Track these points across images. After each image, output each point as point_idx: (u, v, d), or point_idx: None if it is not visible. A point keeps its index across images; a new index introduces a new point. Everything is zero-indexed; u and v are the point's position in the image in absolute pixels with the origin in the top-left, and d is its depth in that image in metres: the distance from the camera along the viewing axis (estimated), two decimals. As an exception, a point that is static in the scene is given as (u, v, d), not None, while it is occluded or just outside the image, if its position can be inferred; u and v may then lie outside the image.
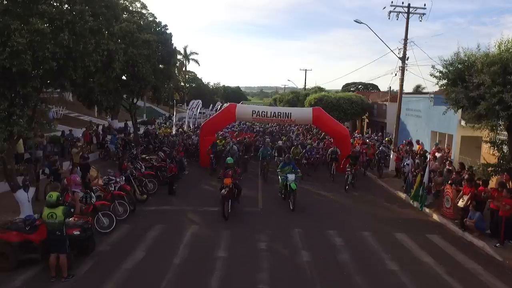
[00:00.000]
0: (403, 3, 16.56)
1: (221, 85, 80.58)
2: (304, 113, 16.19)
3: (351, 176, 13.41)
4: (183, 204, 11.54)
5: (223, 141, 16.95)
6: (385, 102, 23.32)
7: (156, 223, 9.67)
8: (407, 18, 16.52)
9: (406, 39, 16.62)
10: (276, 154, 15.15)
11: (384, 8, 16.94)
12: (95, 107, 13.39)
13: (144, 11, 32.80)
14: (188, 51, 57.90)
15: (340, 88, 56.97)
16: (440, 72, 9.24)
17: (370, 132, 24.26)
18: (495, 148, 8.62)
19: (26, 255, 7.01)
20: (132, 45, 14.95)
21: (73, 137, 18.81)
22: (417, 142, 16.50)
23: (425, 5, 16.51)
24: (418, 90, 53.68)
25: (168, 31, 17.95)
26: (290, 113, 15.78)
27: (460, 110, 10.05)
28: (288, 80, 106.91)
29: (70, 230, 6.99)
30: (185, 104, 61.49)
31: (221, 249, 8.09)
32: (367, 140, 22.08)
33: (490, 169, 8.61)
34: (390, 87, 22.00)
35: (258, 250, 8.09)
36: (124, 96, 15.84)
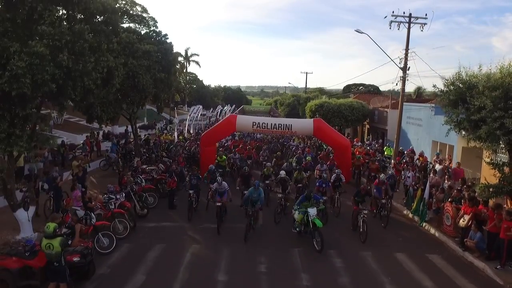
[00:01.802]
0: (404, 12, 16.50)
1: (222, 85, 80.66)
2: (304, 124, 16.14)
3: (362, 222, 9.91)
4: (183, 219, 11.52)
5: (225, 158, 16.06)
6: (386, 109, 23.25)
7: (156, 242, 9.66)
8: (408, 28, 16.46)
9: (407, 49, 16.56)
10: (280, 191, 11.95)
11: (386, 17, 16.86)
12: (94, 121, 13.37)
13: (145, 14, 32.60)
14: (189, 53, 57.90)
15: (341, 88, 56.88)
16: (441, 91, 9.19)
17: (370, 139, 24.19)
18: (496, 169, 8.58)
19: (25, 282, 7.00)
20: (132, 56, 14.91)
21: (75, 146, 18.82)
22: (421, 154, 16.43)
23: (426, 14, 16.46)
24: (419, 91, 53.71)
25: (168, 40, 17.93)
26: (291, 124, 15.73)
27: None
28: (289, 83, 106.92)
29: (70, 256, 6.98)
30: (186, 105, 61.60)
31: (222, 272, 8.07)
32: (368, 148, 22.09)
33: (491, 190, 8.57)
34: (390, 94, 21.88)
35: (257, 274, 8.07)
36: (124, 105, 15.78)
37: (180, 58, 57.81)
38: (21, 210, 9.53)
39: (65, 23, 9.29)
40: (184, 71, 59.91)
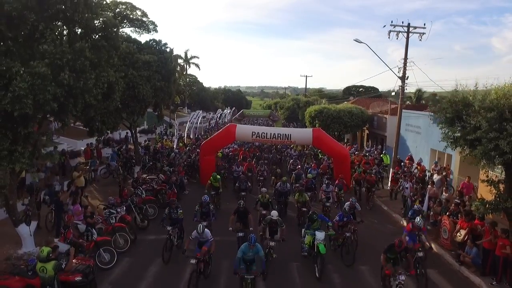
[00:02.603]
0: (403, 22, 16.60)
1: (222, 86, 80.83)
2: (304, 134, 16.26)
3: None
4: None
5: (219, 178, 14.04)
6: (385, 115, 23.36)
7: (156, 256, 9.76)
8: (407, 38, 16.56)
9: (405, 58, 16.66)
10: (267, 235, 9.46)
11: (384, 26, 16.95)
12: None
13: (144, 18, 32.69)
14: (188, 55, 58.06)
15: (340, 88, 57.03)
16: (438, 107, 9.29)
17: (370, 144, 24.30)
18: (492, 186, 8.68)
19: (28, 301, 7.11)
20: (133, 67, 15.01)
21: (75, 153, 18.92)
22: (418, 163, 16.55)
23: (424, 24, 16.55)
24: (418, 94, 53.80)
25: (168, 44, 18.02)
26: (290, 134, 15.86)
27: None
28: (288, 86, 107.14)
29: (72, 276, 7.11)
30: (186, 107, 61.77)
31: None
32: (367, 155, 22.18)
33: (486, 206, 8.67)
34: (389, 102, 21.99)
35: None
36: (124, 115, 15.88)
37: (180, 60, 58.12)
38: (23, 225, 9.66)
39: (65, 40, 9.40)
40: (184, 73, 60.14)
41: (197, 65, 59.30)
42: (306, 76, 40.60)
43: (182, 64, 57.68)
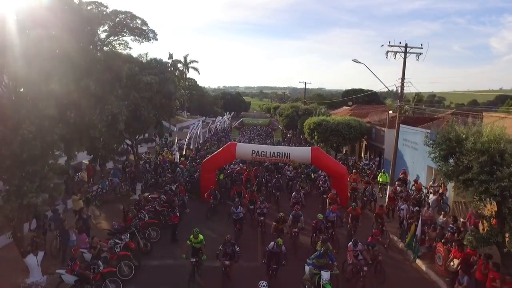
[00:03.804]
0: (400, 42, 16.88)
1: (221, 86, 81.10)
2: (302, 152, 16.57)
3: None
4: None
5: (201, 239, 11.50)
6: (383, 128, 23.67)
7: (160, 283, 10.07)
8: (404, 58, 16.85)
9: (403, 78, 16.95)
10: None
11: (382, 45, 17.24)
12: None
13: (144, 27, 32.92)
14: (188, 59, 58.27)
15: (339, 88, 57.21)
16: (432, 143, 9.61)
17: (368, 157, 24.63)
18: (485, 220, 9.01)
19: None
20: (135, 88, 15.28)
21: (77, 169, 19.14)
22: (415, 181, 16.87)
23: (421, 44, 16.83)
24: (417, 98, 54.16)
25: (169, 51, 18.32)
26: (289, 153, 16.17)
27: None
28: (288, 95, 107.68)
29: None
30: (185, 111, 62.05)
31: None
32: (366, 167, 22.48)
33: (478, 240, 8.99)
34: (387, 111, 22.29)
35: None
36: (127, 135, 16.18)
37: (179, 65, 58.34)
38: (30, 255, 9.95)
39: (70, 78, 9.65)
40: (184, 77, 60.35)
41: (196, 69, 59.55)
42: (305, 83, 40.82)
43: (182, 68, 57.94)
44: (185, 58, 58.16)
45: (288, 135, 40.95)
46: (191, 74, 61.63)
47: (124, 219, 12.92)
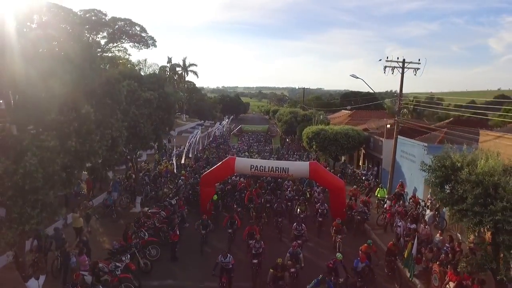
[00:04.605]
0: (398, 58, 17.03)
1: (220, 87, 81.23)
2: (301, 167, 16.71)
3: None
4: (185, 276, 12.06)
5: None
6: (381, 138, 23.83)
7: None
8: (402, 73, 17.01)
9: (401, 93, 17.12)
10: None
11: (380, 60, 17.42)
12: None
13: (143, 34, 32.90)
14: (187, 63, 58.36)
15: (338, 88, 57.45)
16: (428, 168, 9.77)
17: (366, 166, 24.78)
18: (480, 246, 9.18)
19: None
20: (134, 104, 15.38)
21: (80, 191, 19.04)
22: (413, 195, 17.03)
23: (419, 60, 16.98)
24: (415, 102, 54.29)
25: (169, 55, 18.44)
26: (288, 168, 16.31)
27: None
28: (286, 96, 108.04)
29: None
30: (184, 113, 62.12)
31: None
32: (363, 178, 22.63)
33: (473, 265, 9.16)
34: (385, 126, 22.46)
35: None
36: (126, 150, 16.29)
37: (178, 69, 58.43)
38: (32, 279, 10.05)
39: (70, 106, 9.75)
40: (183, 79, 60.43)
41: (195, 73, 59.64)
42: (304, 88, 40.97)
43: (181, 72, 58.04)
44: (183, 61, 58.32)
45: (287, 140, 41.14)
46: (190, 77, 61.80)
47: (124, 237, 13.02)
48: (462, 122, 24.21)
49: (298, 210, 15.49)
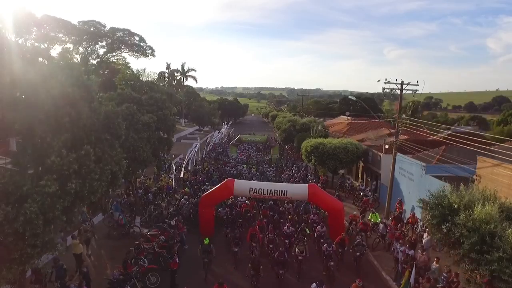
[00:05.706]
0: (396, 80, 17.09)
1: (219, 87, 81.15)
2: (299, 190, 16.78)
3: None
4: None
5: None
6: (379, 153, 23.92)
7: None
8: (400, 95, 17.06)
9: (399, 114, 17.17)
10: None
11: (379, 81, 17.46)
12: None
13: (142, 43, 32.89)
14: (186, 68, 58.36)
15: (337, 89, 57.55)
16: (427, 207, 9.88)
17: (364, 180, 24.86)
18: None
19: None
20: (133, 128, 15.41)
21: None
22: (412, 214, 17.12)
23: (417, 81, 17.04)
24: (414, 107, 54.54)
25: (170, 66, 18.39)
26: (286, 190, 16.38)
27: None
28: (285, 96, 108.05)
29: None
30: (183, 118, 62.16)
31: None
32: (361, 194, 22.69)
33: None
34: (384, 141, 22.55)
35: None
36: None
37: (176, 74, 58.39)
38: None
39: (70, 146, 9.78)
40: (182, 84, 60.43)
41: (194, 78, 59.63)
42: (303, 95, 41.03)
43: (179, 77, 58.03)
44: (182, 66, 58.29)
45: (286, 147, 41.20)
46: (189, 81, 61.78)
47: (124, 265, 13.08)
48: (461, 136, 24.17)
49: (297, 250, 13.60)
